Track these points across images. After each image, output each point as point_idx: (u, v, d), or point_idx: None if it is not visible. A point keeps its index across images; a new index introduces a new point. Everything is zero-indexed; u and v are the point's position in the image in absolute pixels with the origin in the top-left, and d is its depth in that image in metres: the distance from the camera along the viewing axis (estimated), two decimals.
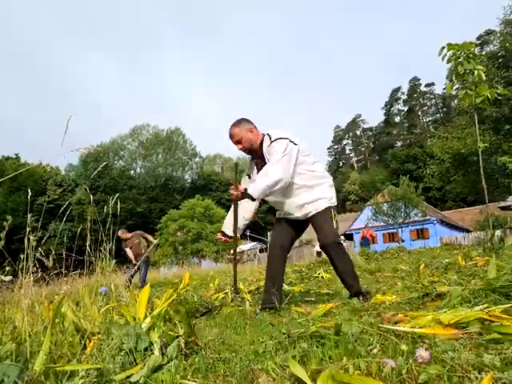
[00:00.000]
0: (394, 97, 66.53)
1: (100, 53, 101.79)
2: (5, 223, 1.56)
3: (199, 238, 32.73)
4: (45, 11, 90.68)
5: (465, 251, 6.75)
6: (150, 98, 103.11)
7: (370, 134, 69.20)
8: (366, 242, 16.24)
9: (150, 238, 8.12)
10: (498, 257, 2.73)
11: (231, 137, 2.76)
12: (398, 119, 66.63)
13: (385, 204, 23.94)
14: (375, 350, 1.09)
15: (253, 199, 2.49)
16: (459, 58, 3.64)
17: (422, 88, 63.54)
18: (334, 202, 2.79)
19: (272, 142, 2.64)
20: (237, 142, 2.74)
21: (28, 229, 1.48)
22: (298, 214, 2.71)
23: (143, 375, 1.24)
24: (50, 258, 1.77)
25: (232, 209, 2.90)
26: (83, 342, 1.49)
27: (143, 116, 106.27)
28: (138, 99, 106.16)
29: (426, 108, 64.04)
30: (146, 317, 1.63)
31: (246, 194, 2.46)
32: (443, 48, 3.83)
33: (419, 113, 64.06)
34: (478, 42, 41.25)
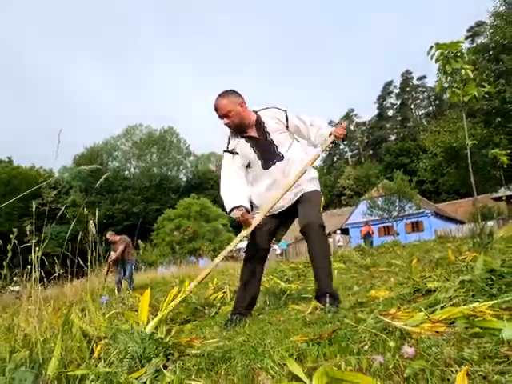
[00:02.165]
0: (386, 90, 66.77)
1: (87, 53, 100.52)
2: (11, 235, 1.62)
3: (196, 236, 32.81)
4: (27, 11, 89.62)
5: (457, 244, 6.89)
6: (141, 99, 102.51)
7: (364, 128, 69.44)
8: (368, 237, 16.65)
9: (120, 248, 8.03)
10: (487, 252, 2.82)
11: (217, 109, 2.40)
12: (391, 113, 66.93)
13: (379, 198, 24.20)
14: (366, 347, 1.17)
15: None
16: (447, 57, 3.73)
17: (415, 81, 63.83)
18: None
19: (286, 111, 2.49)
20: (224, 116, 2.39)
21: (33, 241, 1.54)
22: (287, 197, 2.39)
23: (150, 377, 1.32)
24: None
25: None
26: (91, 346, 1.56)
27: (134, 116, 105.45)
28: (129, 100, 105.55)
29: (419, 101, 64.37)
30: (149, 321, 1.71)
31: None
32: (431, 47, 3.92)
33: (412, 106, 64.40)
34: (469, 33, 41.57)
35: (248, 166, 2.50)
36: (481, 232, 3.00)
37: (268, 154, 2.45)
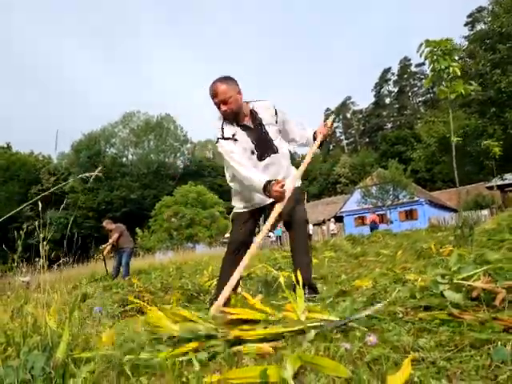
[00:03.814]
0: (384, 78, 66.38)
1: (85, 40, 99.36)
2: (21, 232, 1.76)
3: (193, 223, 33.05)
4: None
5: (446, 234, 7.07)
6: (138, 86, 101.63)
7: (360, 116, 69.27)
8: (374, 226, 16.96)
9: (114, 236, 8.17)
10: (466, 245, 2.98)
11: (216, 95, 2.28)
12: (388, 101, 66.69)
13: (373, 187, 24.40)
14: (338, 335, 1.33)
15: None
16: (435, 55, 3.83)
17: (413, 68, 63.40)
18: None
19: (275, 106, 2.49)
20: (222, 102, 2.28)
21: (41, 235, 1.67)
22: None
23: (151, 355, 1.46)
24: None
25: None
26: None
27: (132, 103, 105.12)
28: (126, 87, 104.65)
29: (417, 89, 64.06)
30: None
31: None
32: (421, 45, 4.02)
33: (409, 94, 64.14)
34: (470, 19, 41.15)
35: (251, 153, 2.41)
36: (462, 225, 3.15)
37: (263, 145, 2.41)
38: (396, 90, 65.26)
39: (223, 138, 2.36)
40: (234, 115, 2.35)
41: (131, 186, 46.03)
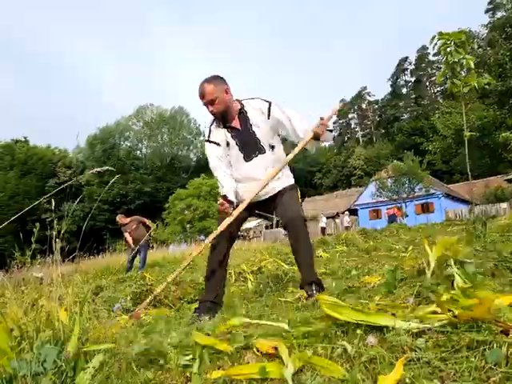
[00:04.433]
0: (400, 67, 65.04)
1: (98, 38, 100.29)
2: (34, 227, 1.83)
3: (206, 216, 33.32)
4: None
5: (462, 228, 6.97)
6: (151, 79, 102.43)
7: (376, 107, 68.13)
8: (393, 219, 16.67)
9: (148, 222, 8.29)
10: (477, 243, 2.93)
11: (203, 96, 2.30)
12: (404, 91, 65.42)
13: (389, 179, 24.06)
14: (338, 332, 1.35)
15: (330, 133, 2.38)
16: (449, 47, 3.76)
17: (431, 57, 61.84)
18: None
19: (270, 103, 2.40)
20: (209, 103, 2.30)
21: (55, 232, 1.73)
22: (262, 191, 2.36)
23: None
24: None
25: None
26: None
27: (146, 96, 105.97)
28: (139, 80, 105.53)
29: (434, 78, 62.50)
30: None
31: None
32: (434, 37, 3.95)
33: (427, 83, 62.71)
34: (491, 6, 39.88)
35: (230, 155, 2.43)
36: (475, 221, 3.10)
37: (250, 145, 2.39)
38: (413, 79, 63.92)
39: (208, 141, 2.45)
40: (221, 116, 2.36)
41: (145, 178, 46.61)
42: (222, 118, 2.38)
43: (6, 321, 1.34)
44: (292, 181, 2.51)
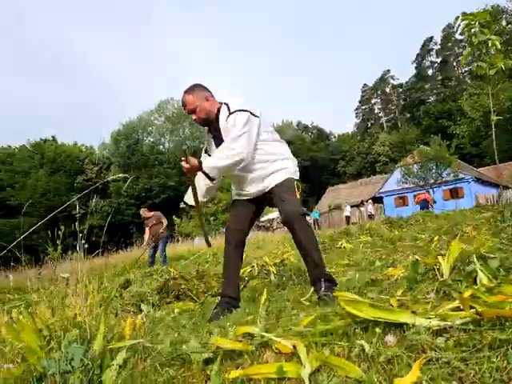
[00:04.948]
0: (426, 48, 62.70)
1: (123, 29, 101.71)
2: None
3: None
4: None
5: (492, 214, 6.69)
6: (166, 73, 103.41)
7: (400, 90, 66.13)
8: (425, 205, 16.08)
9: (164, 224, 8.57)
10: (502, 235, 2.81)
11: (184, 106, 2.44)
12: (430, 72, 63.12)
13: (415, 165, 23.42)
14: (357, 330, 1.34)
15: (210, 179, 2.27)
16: (473, 28, 3.60)
17: (457, 36, 59.20)
18: (296, 175, 2.47)
19: (231, 113, 2.32)
20: (191, 112, 2.42)
21: (80, 235, 1.79)
22: (255, 189, 2.42)
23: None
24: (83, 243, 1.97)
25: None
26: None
27: (166, 91, 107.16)
28: (154, 75, 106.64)
29: (462, 58, 60.00)
30: None
31: (201, 171, 2.27)
32: (457, 18, 3.78)
33: (454, 64, 60.19)
34: None
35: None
36: (502, 211, 2.99)
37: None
38: (439, 60, 61.52)
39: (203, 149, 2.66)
40: (203, 123, 2.47)
41: (169, 173, 47.26)
42: (205, 125, 2.50)
43: (35, 321, 1.40)
44: (287, 174, 2.40)
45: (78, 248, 1.93)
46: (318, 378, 1.08)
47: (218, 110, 2.41)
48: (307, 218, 2.77)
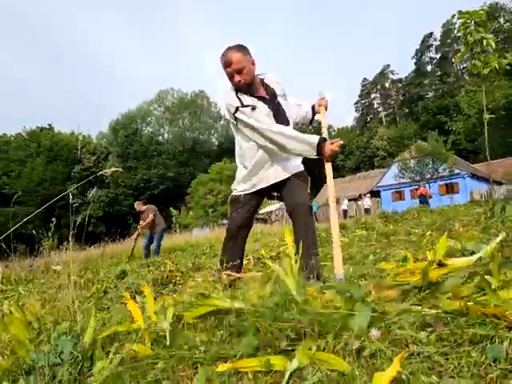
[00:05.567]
0: (425, 44, 62.40)
1: (124, 16, 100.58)
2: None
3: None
4: None
5: (485, 209, 6.75)
6: (168, 62, 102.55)
7: (400, 85, 65.92)
8: (424, 200, 16.05)
9: (148, 218, 8.44)
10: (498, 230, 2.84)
11: (230, 64, 2.13)
12: (429, 68, 62.89)
13: (412, 160, 23.48)
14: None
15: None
16: (469, 27, 3.60)
17: (456, 33, 58.85)
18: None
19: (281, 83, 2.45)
20: (236, 72, 2.14)
21: (71, 231, 1.80)
22: (278, 176, 2.29)
23: None
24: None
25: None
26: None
27: (166, 79, 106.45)
28: (157, 62, 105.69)
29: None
30: None
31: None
32: (454, 16, 3.78)
33: (453, 60, 59.95)
34: None
35: None
36: (492, 208, 3.02)
37: (280, 116, 2.30)
38: (438, 56, 61.27)
39: (243, 106, 2.19)
40: (247, 87, 2.21)
41: (168, 164, 47.08)
42: (248, 90, 2.23)
43: (25, 314, 1.41)
44: (303, 168, 2.42)
45: (70, 239, 1.93)
46: (303, 373, 1.10)
47: (263, 80, 2.34)
48: None
